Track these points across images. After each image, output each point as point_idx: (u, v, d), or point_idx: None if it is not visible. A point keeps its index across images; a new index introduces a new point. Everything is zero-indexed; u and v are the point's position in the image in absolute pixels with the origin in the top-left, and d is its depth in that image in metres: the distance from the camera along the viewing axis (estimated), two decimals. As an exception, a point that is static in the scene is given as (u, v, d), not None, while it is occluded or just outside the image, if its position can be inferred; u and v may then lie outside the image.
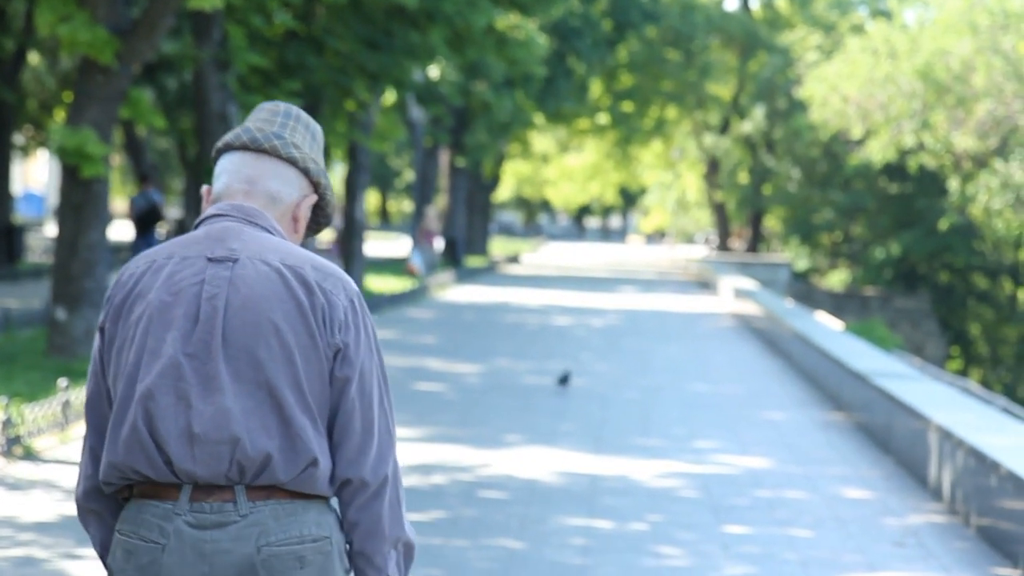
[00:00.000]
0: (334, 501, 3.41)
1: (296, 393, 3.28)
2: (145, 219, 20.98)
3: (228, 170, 3.49)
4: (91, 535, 3.50)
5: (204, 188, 3.56)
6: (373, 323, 3.45)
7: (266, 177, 3.47)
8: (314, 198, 3.53)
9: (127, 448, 3.29)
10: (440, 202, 57.37)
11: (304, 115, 3.56)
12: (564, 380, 17.22)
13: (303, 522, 3.29)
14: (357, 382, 3.34)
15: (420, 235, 41.40)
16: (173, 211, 53.56)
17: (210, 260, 3.36)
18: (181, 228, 39.71)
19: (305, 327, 3.30)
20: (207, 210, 3.48)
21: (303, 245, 4.12)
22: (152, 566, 3.27)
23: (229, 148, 3.51)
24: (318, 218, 3.58)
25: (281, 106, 3.54)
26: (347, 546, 3.41)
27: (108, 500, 3.44)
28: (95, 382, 3.44)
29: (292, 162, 3.48)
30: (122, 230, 45.55)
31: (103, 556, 3.48)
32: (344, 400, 3.33)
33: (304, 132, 3.53)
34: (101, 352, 3.41)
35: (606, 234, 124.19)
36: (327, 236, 39.56)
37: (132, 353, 3.33)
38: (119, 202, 66.83)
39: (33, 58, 33.91)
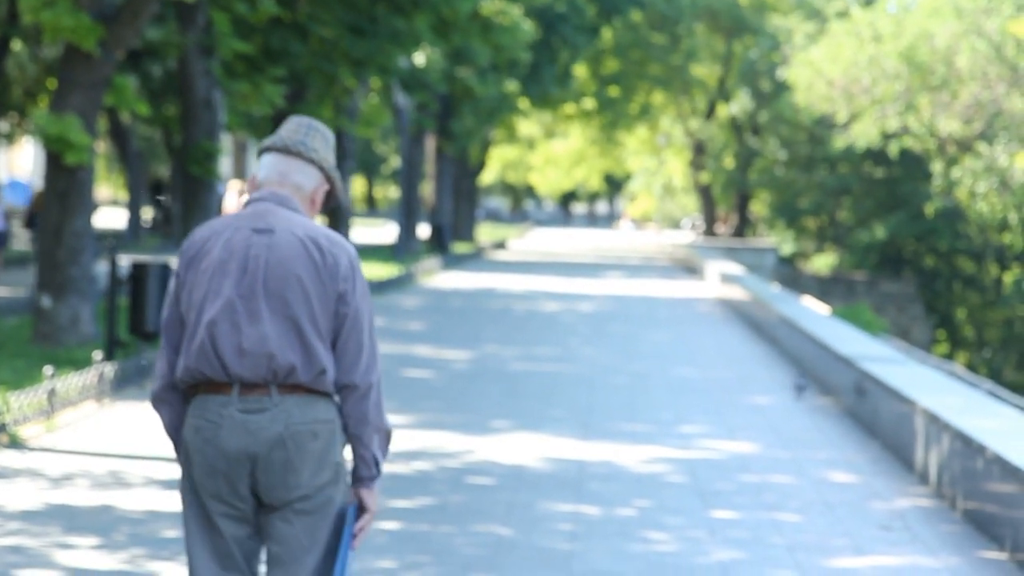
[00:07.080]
0: (337, 399, 4.81)
1: (312, 324, 4.72)
2: None
3: (267, 165, 4.92)
4: (163, 418, 4.87)
5: (251, 175, 4.89)
6: (364, 277, 4.85)
7: (293, 172, 4.90)
8: (327, 187, 4.97)
9: (197, 358, 4.72)
10: (426, 188, 57.29)
11: (322, 126, 4.97)
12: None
13: (316, 409, 4.73)
14: (352, 316, 4.76)
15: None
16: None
17: (254, 231, 4.78)
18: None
19: (318, 278, 4.73)
20: (252, 195, 4.89)
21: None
22: (214, 439, 4.70)
23: (269, 150, 4.92)
24: (329, 201, 5.02)
25: (305, 120, 4.95)
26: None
27: (175, 393, 4.84)
28: (172, 310, 4.83)
29: (311, 162, 4.90)
30: (110, 217, 45.36)
31: (172, 433, 4.87)
32: (343, 329, 4.76)
33: (321, 139, 4.93)
34: (178, 291, 4.81)
35: (592, 219, 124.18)
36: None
37: (199, 292, 4.75)
38: (103, 189, 66.55)
39: (16, 45, 33.79)
